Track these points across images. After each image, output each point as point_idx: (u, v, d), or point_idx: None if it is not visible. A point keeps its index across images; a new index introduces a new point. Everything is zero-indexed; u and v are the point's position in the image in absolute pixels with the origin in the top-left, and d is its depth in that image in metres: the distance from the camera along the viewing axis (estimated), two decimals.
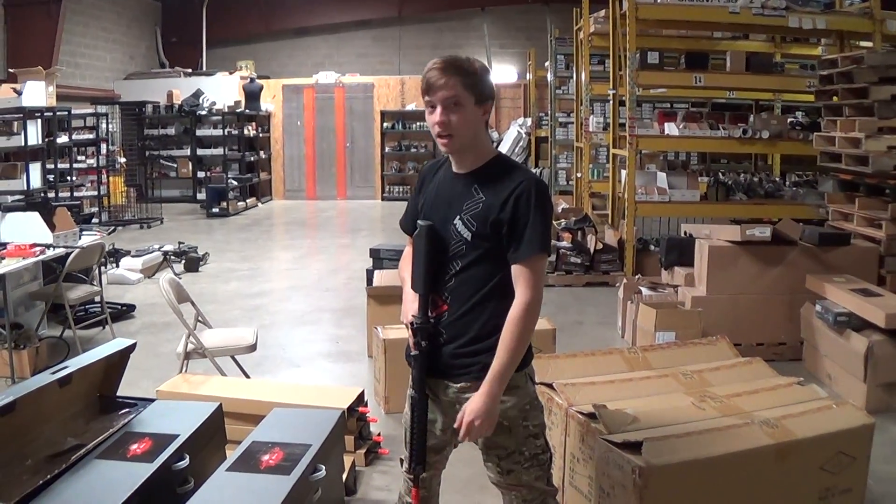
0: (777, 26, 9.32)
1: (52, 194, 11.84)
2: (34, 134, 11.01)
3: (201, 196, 18.53)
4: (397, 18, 21.74)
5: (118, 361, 3.90)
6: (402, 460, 3.24)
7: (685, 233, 8.16)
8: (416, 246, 3.00)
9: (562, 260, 10.17)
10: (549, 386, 4.20)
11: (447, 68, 2.81)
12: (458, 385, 2.96)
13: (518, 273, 2.83)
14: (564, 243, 10.36)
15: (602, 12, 11.28)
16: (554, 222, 11.36)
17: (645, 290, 7.66)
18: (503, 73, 20.98)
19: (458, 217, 2.90)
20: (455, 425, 2.88)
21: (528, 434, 2.98)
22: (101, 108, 16.56)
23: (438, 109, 2.83)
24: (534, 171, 15.44)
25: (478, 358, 2.90)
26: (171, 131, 19.56)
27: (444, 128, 2.84)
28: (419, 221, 3.00)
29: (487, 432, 2.85)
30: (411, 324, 2.99)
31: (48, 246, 7.18)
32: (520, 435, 2.96)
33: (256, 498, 3.14)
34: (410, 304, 3.04)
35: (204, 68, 21.32)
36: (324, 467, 3.46)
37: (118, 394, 3.97)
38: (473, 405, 2.81)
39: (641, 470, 3.38)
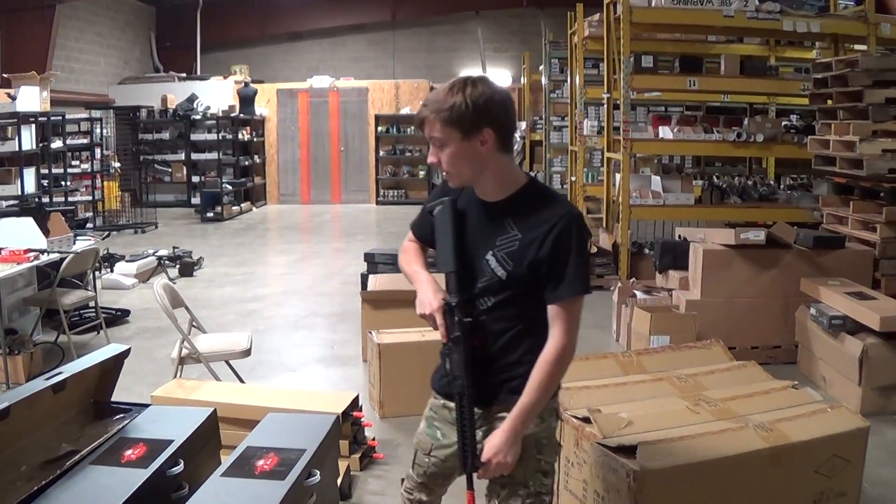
0: (771, 30, 9.33)
1: (46, 199, 11.84)
2: (28, 139, 11.01)
3: (196, 200, 18.54)
4: (391, 22, 21.79)
5: (112, 367, 3.89)
6: (402, 480, 3.18)
7: (679, 236, 8.16)
8: (440, 223, 2.86)
9: None
10: None
11: (428, 104, 2.66)
12: (480, 410, 2.80)
13: (555, 314, 2.67)
14: None
15: (596, 16, 11.29)
16: None
17: (639, 294, 7.66)
18: (497, 76, 20.95)
19: (492, 252, 2.72)
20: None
21: (538, 469, 2.81)
22: (96, 113, 16.60)
23: (431, 147, 2.71)
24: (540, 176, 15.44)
25: (506, 385, 2.76)
26: (166, 136, 19.55)
27: (437, 165, 2.72)
28: (442, 199, 2.86)
29: (506, 470, 2.71)
30: (446, 304, 2.76)
31: (42, 251, 7.15)
32: (529, 467, 2.79)
33: (251, 503, 3.13)
34: (429, 287, 2.84)
35: (198, 73, 21.31)
36: (318, 472, 3.45)
37: (112, 399, 3.96)
38: (494, 441, 2.68)
39: (636, 474, 3.37)
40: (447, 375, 2.81)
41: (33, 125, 11.33)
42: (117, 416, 3.81)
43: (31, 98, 11.04)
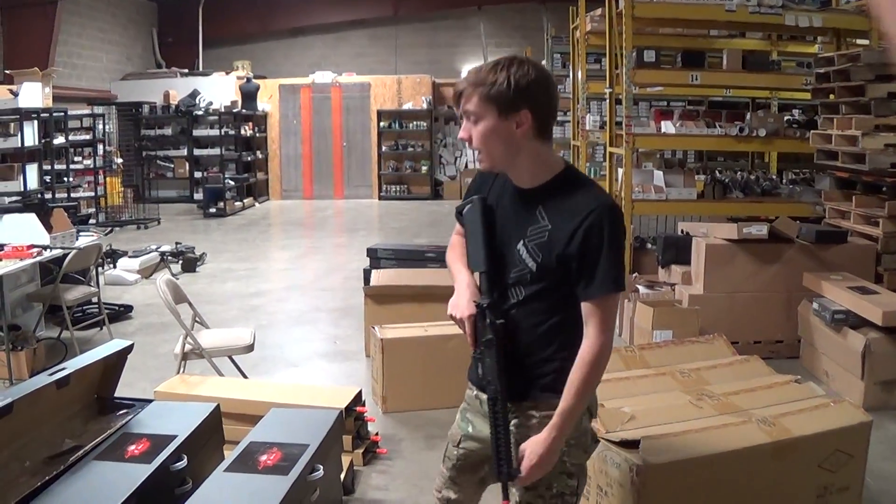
0: (773, 24, 9.29)
1: (48, 195, 11.83)
2: (31, 135, 11.01)
3: (198, 196, 18.53)
4: (393, 18, 21.79)
5: (116, 362, 3.90)
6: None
7: (682, 231, 8.16)
8: (470, 222, 2.78)
9: None
10: None
11: (469, 77, 2.58)
12: (510, 405, 2.67)
13: (589, 312, 2.55)
14: None
15: (598, 11, 11.26)
16: None
17: (642, 289, 7.67)
18: None
19: (522, 242, 2.62)
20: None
21: (562, 470, 2.69)
22: (98, 109, 16.61)
23: (464, 122, 2.62)
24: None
25: (537, 381, 2.67)
26: (168, 132, 19.55)
27: (469, 143, 2.62)
28: (471, 199, 2.78)
29: (540, 475, 2.61)
30: (478, 306, 2.66)
31: (45, 247, 7.16)
32: (554, 469, 2.66)
33: (254, 498, 3.14)
34: (466, 292, 2.73)
35: (200, 68, 21.32)
36: (322, 467, 3.46)
37: (116, 395, 3.97)
38: (533, 448, 2.57)
39: (639, 468, 3.38)
40: (481, 379, 2.70)
41: (35, 121, 11.32)
42: (121, 412, 3.82)
43: (33, 94, 11.04)
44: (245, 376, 6.03)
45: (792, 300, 6.87)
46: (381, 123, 20.29)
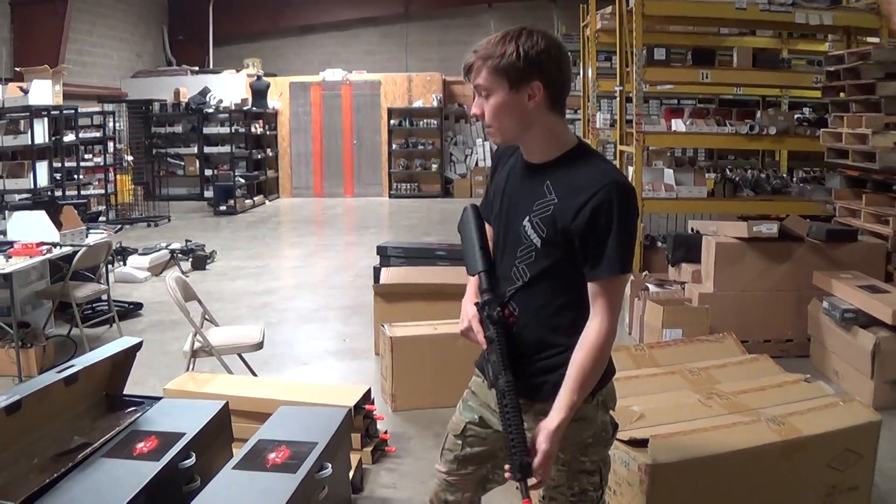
0: (784, 22, 9.31)
1: (59, 193, 11.86)
2: (41, 132, 11.03)
3: (209, 194, 18.59)
4: (404, 15, 21.79)
5: (124, 360, 3.91)
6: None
7: (692, 229, 8.15)
8: (463, 230, 2.76)
9: None
10: None
11: (479, 50, 2.51)
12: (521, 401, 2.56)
13: (595, 293, 2.47)
14: None
15: (608, 9, 11.28)
16: None
17: (652, 287, 7.66)
18: None
19: (528, 218, 2.53)
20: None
21: (581, 469, 2.64)
22: (108, 107, 16.60)
23: (476, 98, 2.55)
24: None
25: (547, 377, 2.57)
26: (179, 129, 19.59)
27: (482, 118, 2.54)
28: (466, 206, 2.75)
29: (550, 470, 2.49)
30: (478, 304, 2.63)
31: (55, 244, 7.18)
32: (572, 469, 2.63)
33: (262, 496, 3.15)
34: (468, 303, 2.71)
35: (211, 66, 21.38)
36: (330, 465, 3.47)
37: (125, 392, 3.98)
38: (544, 447, 2.43)
39: (648, 467, 3.38)
40: (490, 377, 2.55)
41: (46, 119, 11.35)
42: (129, 409, 3.84)
43: (43, 92, 11.06)
44: (254, 374, 6.04)
45: (802, 299, 6.86)
46: (392, 121, 20.28)
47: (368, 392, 5.08)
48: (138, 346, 3.93)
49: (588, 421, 2.61)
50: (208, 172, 19.27)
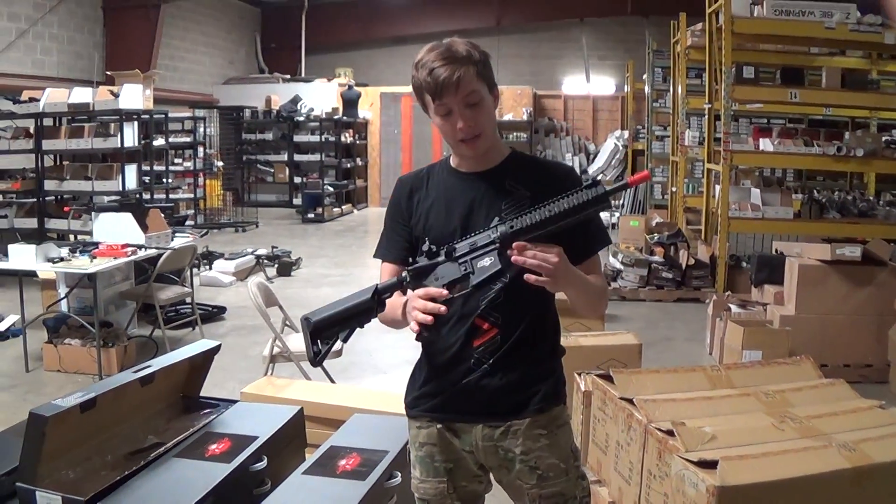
0: (873, 42, 9.18)
1: (147, 196, 12.11)
2: (131, 136, 11.23)
3: (297, 201, 18.94)
4: (496, 28, 21.82)
5: (202, 362, 3.94)
6: None
7: (776, 250, 8.10)
8: (348, 299, 2.72)
9: (653, 275, 10.18)
10: (630, 401, 4.23)
11: (454, 59, 2.40)
12: (506, 423, 2.59)
13: (589, 264, 2.50)
14: (657, 258, 10.35)
15: (699, 25, 11.24)
16: (647, 236, 11.36)
17: (734, 308, 7.63)
18: (601, 84, 21.00)
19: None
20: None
21: (578, 475, 2.71)
22: (199, 112, 17.02)
23: (457, 111, 2.44)
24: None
25: (536, 388, 2.58)
26: (269, 136, 19.98)
27: (472, 130, 2.44)
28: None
29: (546, 270, 2.23)
30: (405, 276, 2.60)
31: (140, 246, 7.40)
32: (573, 475, 2.67)
33: (330, 502, 3.18)
34: (414, 294, 2.58)
35: (302, 74, 21.74)
36: (399, 474, 3.47)
37: (201, 394, 4.05)
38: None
39: (717, 489, 3.40)
40: (494, 273, 2.33)
41: (136, 122, 11.57)
42: (205, 411, 3.82)
43: (133, 96, 11.27)
44: (332, 381, 6.11)
45: (883, 324, 6.78)
46: None
47: None
48: (216, 349, 3.95)
49: (569, 426, 2.71)
50: (297, 180, 19.61)
